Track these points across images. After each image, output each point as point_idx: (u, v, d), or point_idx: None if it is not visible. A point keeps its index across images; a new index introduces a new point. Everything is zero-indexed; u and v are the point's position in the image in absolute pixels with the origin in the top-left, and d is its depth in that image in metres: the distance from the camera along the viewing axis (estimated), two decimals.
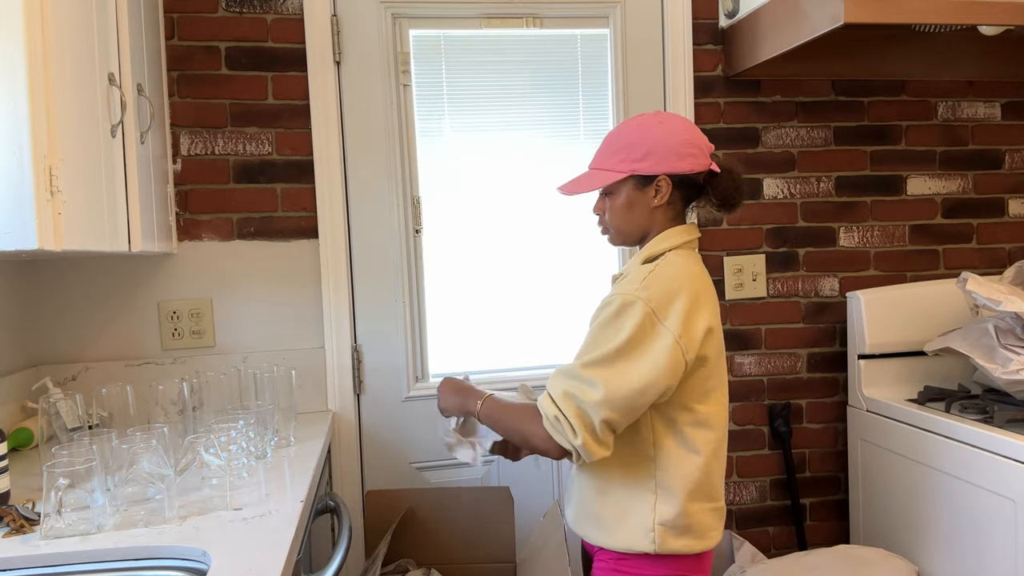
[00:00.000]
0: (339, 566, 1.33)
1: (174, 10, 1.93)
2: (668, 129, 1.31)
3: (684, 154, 1.29)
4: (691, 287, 1.25)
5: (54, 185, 1.06)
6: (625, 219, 1.35)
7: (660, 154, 1.29)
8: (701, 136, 1.34)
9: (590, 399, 1.19)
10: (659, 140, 1.29)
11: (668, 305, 1.22)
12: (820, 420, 2.29)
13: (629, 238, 1.38)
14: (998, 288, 1.81)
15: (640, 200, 1.32)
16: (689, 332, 1.22)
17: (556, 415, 1.21)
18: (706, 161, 1.32)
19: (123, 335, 1.93)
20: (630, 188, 1.33)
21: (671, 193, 1.31)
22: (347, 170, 2.03)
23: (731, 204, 1.35)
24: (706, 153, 1.33)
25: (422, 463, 2.10)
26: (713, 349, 1.28)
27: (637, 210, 1.33)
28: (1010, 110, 2.35)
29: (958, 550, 1.76)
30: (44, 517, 1.15)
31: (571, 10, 2.11)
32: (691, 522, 1.27)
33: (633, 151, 1.30)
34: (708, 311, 1.27)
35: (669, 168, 1.29)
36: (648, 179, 1.31)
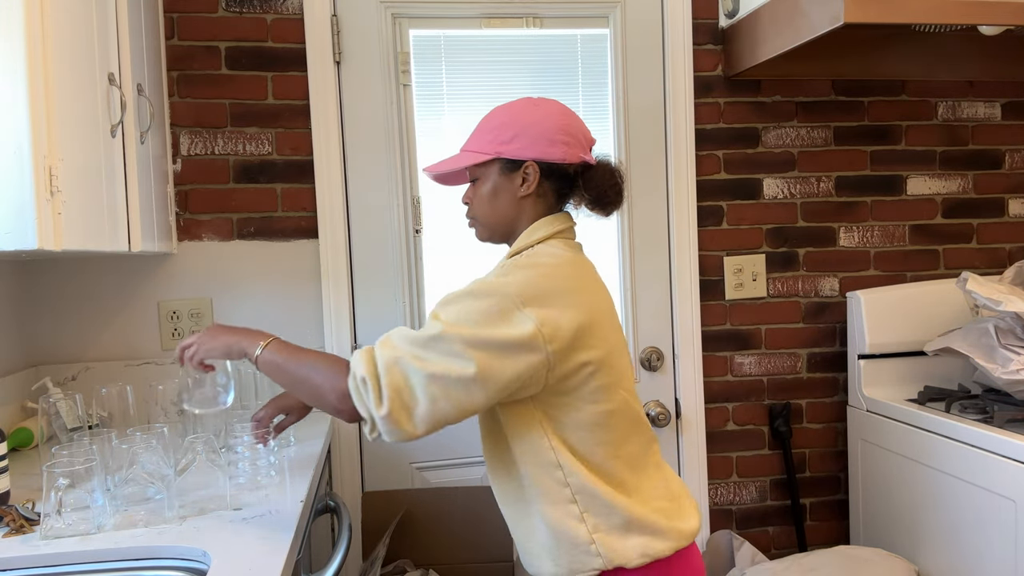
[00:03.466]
0: (339, 566, 1.33)
1: (174, 10, 1.93)
2: (542, 112, 1.21)
3: (556, 140, 1.19)
4: (562, 286, 1.12)
5: (54, 185, 1.06)
6: (490, 208, 1.24)
7: (529, 137, 1.19)
8: (580, 126, 1.23)
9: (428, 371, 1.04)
10: (530, 122, 1.20)
11: (537, 293, 1.09)
12: (820, 420, 2.29)
13: (495, 231, 1.26)
14: (998, 288, 1.81)
15: (506, 187, 1.22)
16: (554, 323, 1.08)
17: (365, 377, 1.05)
18: (581, 152, 1.21)
19: (123, 335, 1.93)
20: (496, 173, 1.22)
21: (541, 184, 1.21)
22: (347, 170, 2.03)
23: (604, 203, 1.23)
24: (583, 144, 1.22)
25: (422, 463, 2.10)
26: (595, 347, 1.13)
27: (503, 199, 1.22)
28: (1010, 110, 2.35)
29: (958, 550, 1.76)
30: (44, 517, 1.15)
31: (571, 10, 2.11)
32: (631, 517, 1.14)
33: (501, 132, 1.21)
34: (584, 305, 1.13)
35: (538, 154, 1.19)
36: (515, 165, 1.20)
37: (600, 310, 1.17)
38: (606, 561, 1.13)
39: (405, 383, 1.05)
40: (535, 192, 1.22)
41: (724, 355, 2.22)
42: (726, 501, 2.25)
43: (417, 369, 1.05)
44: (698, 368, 2.18)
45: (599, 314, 1.16)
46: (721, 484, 2.24)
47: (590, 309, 1.14)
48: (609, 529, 1.14)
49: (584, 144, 1.23)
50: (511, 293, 1.08)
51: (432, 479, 2.10)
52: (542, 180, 1.21)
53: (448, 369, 1.04)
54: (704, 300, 2.20)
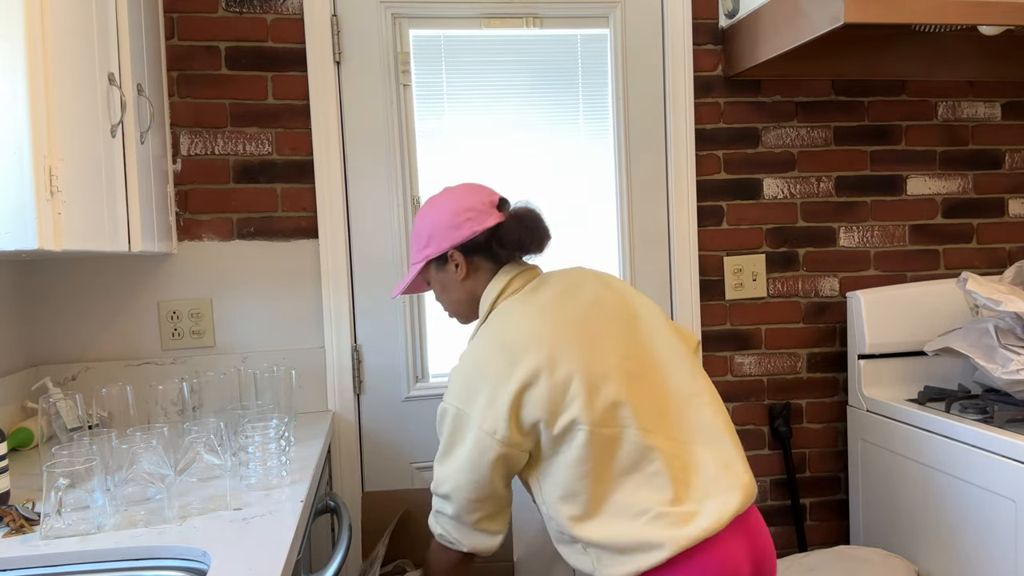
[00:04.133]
0: (339, 566, 1.33)
1: (174, 10, 1.93)
2: (439, 207, 1.38)
3: (459, 223, 1.35)
4: (500, 357, 1.23)
5: (54, 185, 1.06)
6: (448, 299, 1.43)
7: (439, 234, 1.36)
8: (477, 197, 1.38)
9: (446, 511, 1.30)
10: (432, 220, 1.37)
11: (469, 396, 1.24)
12: (820, 420, 2.29)
13: (462, 315, 1.44)
14: (998, 288, 1.81)
15: (448, 279, 1.40)
16: (494, 411, 1.21)
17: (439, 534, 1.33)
18: (486, 220, 1.35)
19: (123, 335, 1.93)
20: (435, 272, 1.41)
21: (470, 261, 1.37)
22: (347, 170, 2.03)
23: (527, 247, 1.35)
24: (485, 212, 1.36)
25: (422, 463, 2.10)
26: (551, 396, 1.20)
27: (451, 288, 1.40)
28: (1010, 110, 2.35)
29: (958, 550, 1.76)
30: (44, 517, 1.15)
31: (571, 10, 2.11)
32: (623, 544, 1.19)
33: (420, 240, 1.40)
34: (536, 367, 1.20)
35: (450, 242, 1.35)
36: (443, 259, 1.38)
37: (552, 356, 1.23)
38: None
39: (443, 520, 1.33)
40: (469, 269, 1.38)
41: (724, 355, 2.22)
42: None
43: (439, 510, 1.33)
44: None
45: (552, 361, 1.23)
46: None
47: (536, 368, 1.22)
48: (609, 558, 1.22)
49: (487, 210, 1.37)
50: (455, 411, 1.26)
51: (432, 479, 2.10)
52: (469, 258, 1.38)
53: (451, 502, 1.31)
54: (704, 300, 2.20)
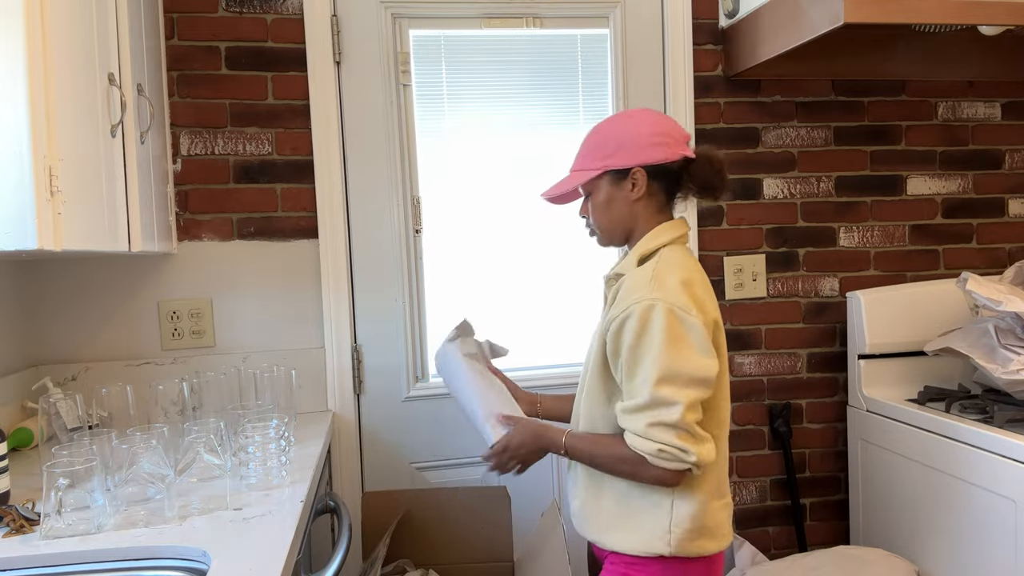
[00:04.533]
0: (339, 566, 1.33)
1: (174, 10, 1.93)
2: (636, 122, 1.33)
3: (654, 144, 1.30)
4: (692, 279, 1.26)
5: (54, 185, 1.06)
6: (607, 217, 1.36)
7: (630, 147, 1.30)
8: (673, 126, 1.34)
9: (675, 417, 1.18)
10: (628, 133, 1.31)
11: (684, 296, 1.22)
12: (820, 420, 2.29)
13: (615, 236, 1.38)
14: (998, 288, 1.81)
15: (618, 196, 1.33)
16: (706, 320, 1.23)
17: (659, 448, 1.19)
18: (679, 150, 1.31)
19: (123, 335, 1.93)
20: (607, 184, 1.34)
21: (649, 185, 1.32)
22: (347, 170, 2.03)
23: (711, 189, 1.33)
24: (679, 142, 1.32)
25: (422, 463, 2.10)
26: (720, 340, 1.28)
27: (617, 206, 1.34)
28: (1010, 110, 2.35)
29: (958, 550, 1.76)
30: (44, 517, 1.15)
31: (571, 10, 2.11)
32: (707, 522, 1.26)
33: (604, 147, 1.33)
34: (712, 303, 1.28)
35: (641, 159, 1.30)
36: (623, 173, 1.32)
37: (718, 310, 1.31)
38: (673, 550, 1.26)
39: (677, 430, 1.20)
40: (646, 194, 1.32)
41: None
42: None
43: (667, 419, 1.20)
44: None
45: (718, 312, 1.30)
46: None
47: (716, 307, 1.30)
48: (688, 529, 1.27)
49: (681, 141, 1.33)
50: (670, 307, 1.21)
51: (432, 479, 2.10)
52: (650, 181, 1.32)
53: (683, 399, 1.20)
54: None
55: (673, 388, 1.19)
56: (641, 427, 1.21)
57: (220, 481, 1.37)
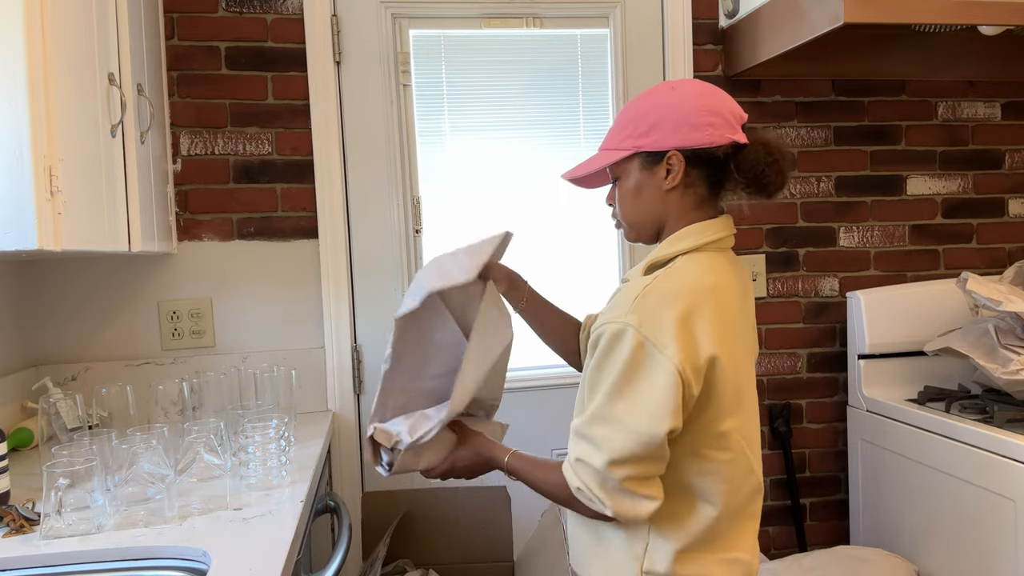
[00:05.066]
0: (339, 566, 1.33)
1: (174, 10, 1.93)
2: (679, 95, 1.09)
3: (699, 123, 1.06)
4: (697, 302, 1.03)
5: (54, 185, 1.06)
6: (635, 207, 1.13)
7: (669, 125, 1.07)
8: (727, 103, 1.09)
9: (598, 463, 1.01)
10: (668, 109, 1.08)
11: (662, 327, 1.00)
12: (820, 420, 2.29)
13: (643, 232, 1.16)
14: (998, 288, 1.81)
15: (649, 183, 1.10)
16: (692, 359, 1.00)
17: (578, 487, 1.04)
18: (730, 133, 1.07)
19: (123, 335, 1.93)
20: (637, 169, 1.11)
21: (688, 173, 1.09)
22: (347, 170, 2.03)
23: (763, 185, 1.08)
24: (732, 123, 1.08)
25: None
26: (727, 383, 1.04)
27: (647, 195, 1.11)
28: (1010, 110, 2.35)
29: (958, 550, 1.76)
30: (44, 517, 1.15)
31: (571, 10, 2.11)
32: (689, 574, 1.07)
33: (639, 124, 1.09)
34: (720, 333, 1.03)
35: (679, 141, 1.06)
36: (657, 156, 1.09)
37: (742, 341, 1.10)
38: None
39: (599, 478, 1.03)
40: (682, 183, 1.10)
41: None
42: None
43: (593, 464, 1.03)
44: None
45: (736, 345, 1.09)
46: None
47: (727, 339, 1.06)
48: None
49: (733, 122, 1.09)
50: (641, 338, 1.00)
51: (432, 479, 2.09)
52: (688, 169, 1.09)
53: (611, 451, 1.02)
54: None
55: (605, 432, 1.01)
56: (572, 457, 1.05)
57: (220, 481, 1.37)
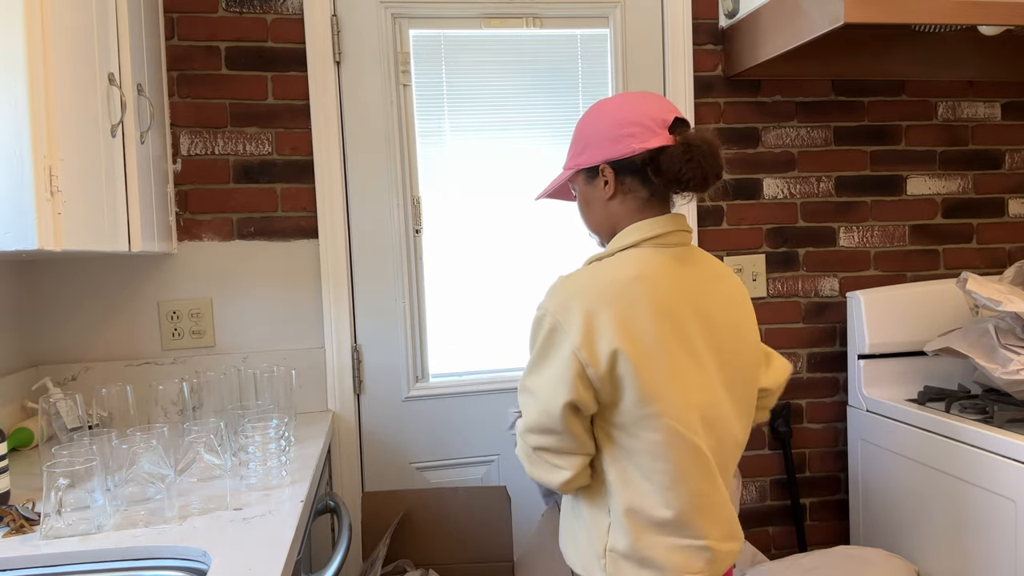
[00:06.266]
0: (339, 566, 1.33)
1: (174, 10, 1.93)
2: (602, 113, 1.21)
3: (619, 136, 1.17)
4: (605, 295, 1.10)
5: (54, 185, 1.06)
6: (588, 217, 1.27)
7: (596, 142, 1.20)
8: (649, 110, 1.18)
9: (521, 428, 1.16)
10: (594, 127, 1.21)
11: (568, 313, 1.10)
12: (820, 420, 2.29)
13: (604, 237, 1.28)
14: (998, 288, 1.81)
15: (593, 195, 1.24)
16: (590, 345, 1.09)
17: (516, 450, 1.21)
18: (652, 139, 1.15)
19: (123, 335, 1.93)
20: (582, 184, 1.25)
21: (623, 181, 1.19)
22: (347, 170, 2.03)
23: (683, 183, 1.14)
24: (654, 129, 1.16)
25: (422, 463, 2.10)
26: (641, 371, 1.09)
27: (594, 206, 1.24)
28: (1010, 110, 2.35)
29: (958, 550, 1.76)
30: (44, 517, 1.15)
31: (571, 10, 2.11)
32: (649, 555, 1.12)
33: (577, 144, 1.24)
34: (629, 326, 1.09)
35: (604, 156, 1.19)
36: (594, 171, 1.22)
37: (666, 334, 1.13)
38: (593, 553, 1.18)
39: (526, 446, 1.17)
40: (620, 191, 1.21)
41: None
42: None
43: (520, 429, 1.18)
44: None
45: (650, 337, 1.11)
46: None
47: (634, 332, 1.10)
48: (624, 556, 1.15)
49: (654, 128, 1.17)
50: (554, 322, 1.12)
51: (432, 479, 2.10)
52: (621, 178, 1.20)
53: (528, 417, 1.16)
54: None
55: (526, 400, 1.15)
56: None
57: (220, 481, 1.37)
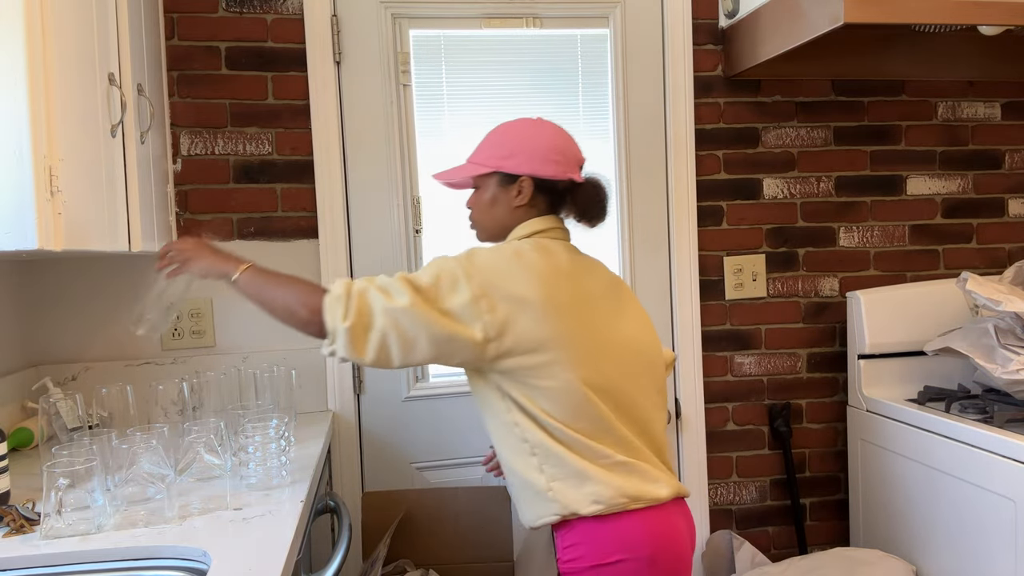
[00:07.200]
0: (339, 566, 1.33)
1: (174, 10, 1.93)
2: (538, 132, 1.37)
3: (549, 159, 1.34)
4: (513, 259, 1.27)
5: (54, 185, 1.06)
6: (488, 215, 1.41)
7: (525, 155, 1.35)
8: (572, 147, 1.39)
9: (388, 304, 1.20)
10: (527, 142, 1.36)
11: (481, 268, 1.24)
12: (820, 420, 2.29)
13: (491, 235, 1.43)
14: (998, 288, 1.81)
15: (503, 198, 1.38)
16: (490, 297, 1.22)
17: (340, 295, 1.22)
18: (571, 171, 1.36)
19: (123, 335, 1.93)
20: (495, 185, 1.39)
21: (534, 196, 1.37)
22: (347, 170, 2.03)
23: (590, 216, 1.38)
24: (572, 164, 1.37)
25: (422, 463, 2.10)
26: (538, 325, 1.24)
27: (500, 208, 1.39)
28: (1010, 110, 2.35)
29: (958, 550, 1.76)
30: (44, 517, 1.15)
31: (571, 10, 2.11)
32: (583, 469, 1.25)
33: (501, 149, 1.38)
34: (533, 285, 1.24)
35: (532, 170, 1.35)
36: (512, 178, 1.36)
37: (557, 297, 1.26)
38: (561, 507, 1.26)
39: (369, 308, 1.22)
40: (528, 203, 1.37)
41: (724, 355, 2.23)
42: (726, 501, 2.25)
43: (380, 299, 1.21)
44: (698, 368, 2.18)
45: (553, 305, 1.25)
46: (721, 484, 2.24)
47: (541, 294, 1.25)
48: (564, 478, 1.26)
49: (574, 164, 1.38)
50: (465, 266, 1.25)
51: (432, 479, 2.10)
52: (535, 193, 1.37)
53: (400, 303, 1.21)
54: (704, 300, 2.20)
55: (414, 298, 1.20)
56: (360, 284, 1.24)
57: (220, 481, 1.37)
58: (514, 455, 1.30)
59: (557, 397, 1.25)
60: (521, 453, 1.29)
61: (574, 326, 1.26)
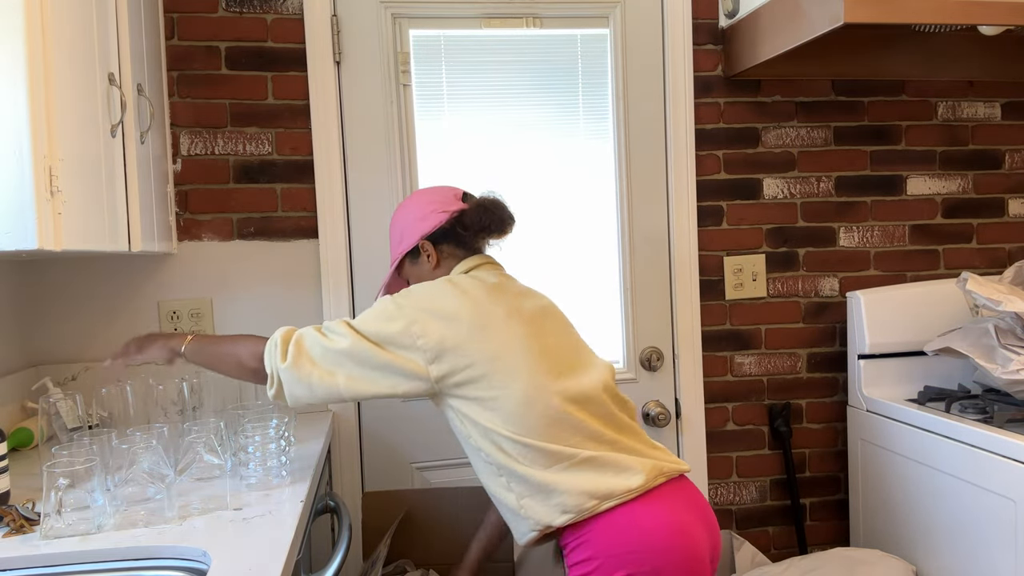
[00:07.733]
0: (339, 566, 1.33)
1: (174, 10, 1.93)
2: (407, 207, 1.51)
3: (427, 215, 1.47)
4: (445, 285, 1.37)
5: (54, 185, 1.06)
6: None
7: (410, 228, 1.48)
8: (440, 192, 1.51)
9: (325, 343, 1.31)
10: (407, 218, 1.50)
11: (413, 297, 1.35)
12: (820, 420, 2.29)
13: None
14: (998, 288, 1.81)
15: (422, 270, 1.50)
16: (422, 322, 1.31)
17: (278, 341, 1.33)
18: (450, 207, 1.47)
19: (123, 335, 1.93)
20: (408, 266, 1.53)
21: (440, 248, 1.48)
22: (347, 170, 2.03)
23: (489, 230, 1.47)
24: (450, 201, 1.48)
25: (422, 463, 2.10)
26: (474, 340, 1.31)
27: (425, 276, 1.50)
28: (1010, 110, 2.35)
29: (958, 550, 1.76)
30: (44, 517, 1.15)
31: (571, 10, 2.11)
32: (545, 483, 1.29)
33: (394, 236, 1.53)
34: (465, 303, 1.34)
35: (419, 233, 1.47)
36: (415, 251, 1.50)
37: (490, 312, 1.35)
38: (535, 523, 1.32)
39: (306, 349, 1.33)
40: (440, 257, 1.49)
41: (724, 355, 2.23)
42: (726, 501, 2.25)
43: (318, 339, 1.33)
44: (698, 368, 2.19)
45: (484, 320, 1.34)
46: (721, 484, 2.24)
47: (472, 311, 1.34)
48: (531, 494, 1.31)
49: (452, 200, 1.49)
50: (398, 300, 1.35)
51: (432, 479, 2.10)
52: (440, 246, 1.49)
53: (337, 344, 1.32)
54: (704, 300, 2.20)
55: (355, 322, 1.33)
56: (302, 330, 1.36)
57: (220, 481, 1.37)
58: (487, 478, 1.37)
59: (509, 407, 1.31)
60: (492, 475, 1.35)
61: (509, 337, 1.34)
